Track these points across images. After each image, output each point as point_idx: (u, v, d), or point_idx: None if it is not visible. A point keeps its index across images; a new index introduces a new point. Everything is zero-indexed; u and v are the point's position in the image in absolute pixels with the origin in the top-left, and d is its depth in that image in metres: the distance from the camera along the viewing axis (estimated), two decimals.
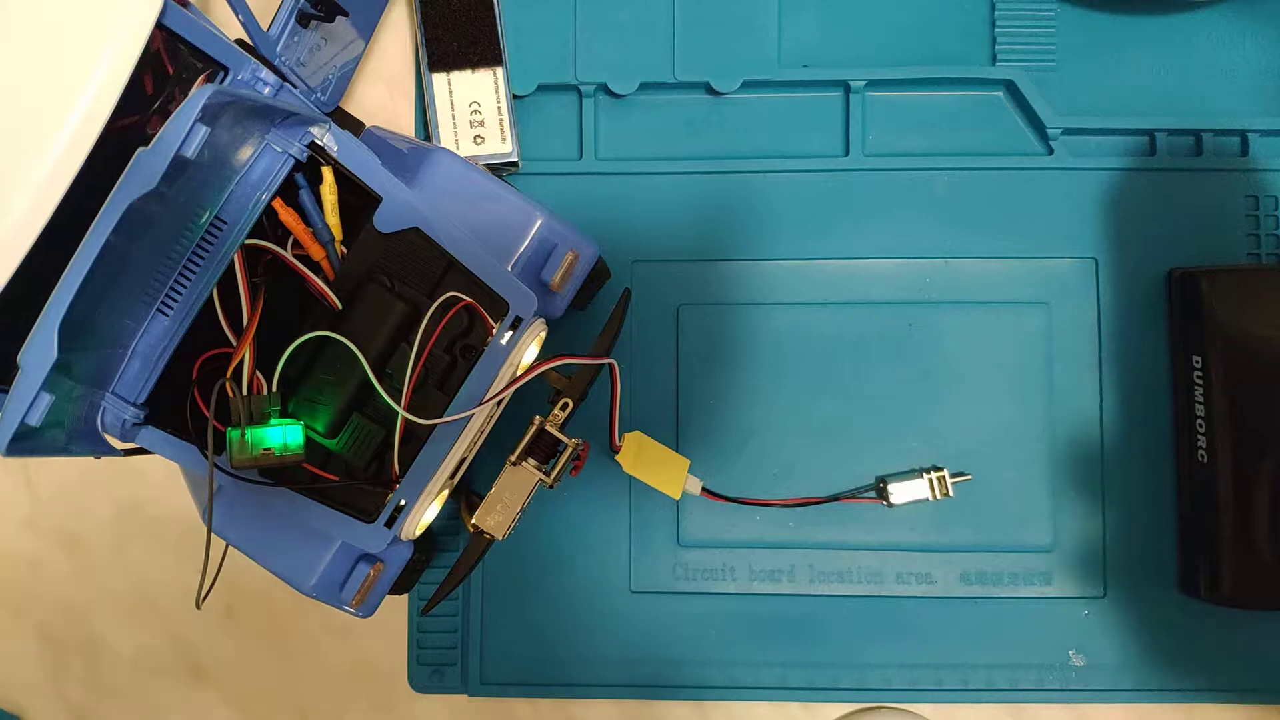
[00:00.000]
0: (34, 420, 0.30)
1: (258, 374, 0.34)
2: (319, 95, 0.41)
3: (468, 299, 0.36)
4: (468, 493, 0.42)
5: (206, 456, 0.34)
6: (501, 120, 0.44)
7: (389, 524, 0.36)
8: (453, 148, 0.44)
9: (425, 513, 0.36)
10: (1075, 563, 0.44)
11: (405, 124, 0.47)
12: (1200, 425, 0.42)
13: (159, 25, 0.31)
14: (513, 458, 0.37)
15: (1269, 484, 0.41)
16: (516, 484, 0.37)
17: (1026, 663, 0.44)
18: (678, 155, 0.46)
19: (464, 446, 0.36)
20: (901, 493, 0.44)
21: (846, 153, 0.46)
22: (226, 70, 0.35)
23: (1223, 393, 0.42)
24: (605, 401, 0.40)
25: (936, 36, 0.46)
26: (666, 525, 0.45)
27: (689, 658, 0.45)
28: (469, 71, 0.44)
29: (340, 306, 0.36)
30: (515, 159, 0.44)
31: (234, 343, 0.35)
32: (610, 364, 0.38)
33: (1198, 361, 0.42)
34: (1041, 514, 0.45)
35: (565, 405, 0.37)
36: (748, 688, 0.45)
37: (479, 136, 0.44)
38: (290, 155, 0.35)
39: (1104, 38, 0.46)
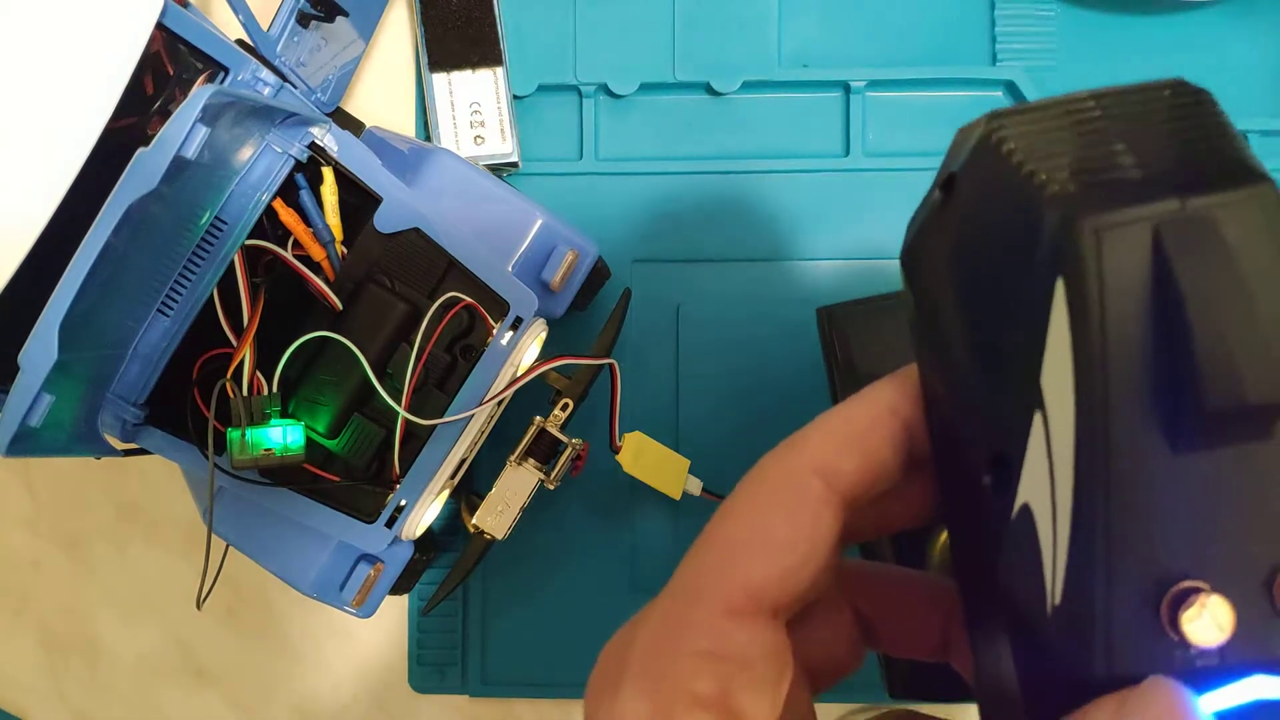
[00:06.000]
0: (34, 421, 0.30)
1: (258, 374, 0.34)
2: (319, 95, 0.41)
3: (468, 299, 0.36)
4: (468, 493, 0.42)
5: (207, 457, 0.34)
6: (501, 120, 0.44)
7: (389, 524, 0.36)
8: (453, 148, 0.44)
9: (425, 513, 0.36)
10: None
11: (405, 124, 0.47)
12: None
13: (159, 26, 0.31)
14: (513, 458, 0.37)
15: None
16: (517, 484, 0.37)
17: None
18: (678, 155, 0.46)
19: (464, 447, 0.36)
20: None
21: (847, 153, 0.46)
22: (226, 70, 0.35)
23: None
24: (605, 401, 0.40)
25: (936, 36, 0.46)
26: (666, 525, 0.45)
27: None
28: (469, 71, 0.44)
29: (340, 307, 0.36)
30: (515, 159, 0.44)
31: (234, 343, 0.35)
32: (610, 364, 0.38)
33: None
34: None
35: (565, 405, 0.37)
36: None
37: (479, 136, 0.44)
38: (290, 155, 0.35)
39: (1104, 38, 0.46)
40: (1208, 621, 0.16)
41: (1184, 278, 0.15)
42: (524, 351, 0.36)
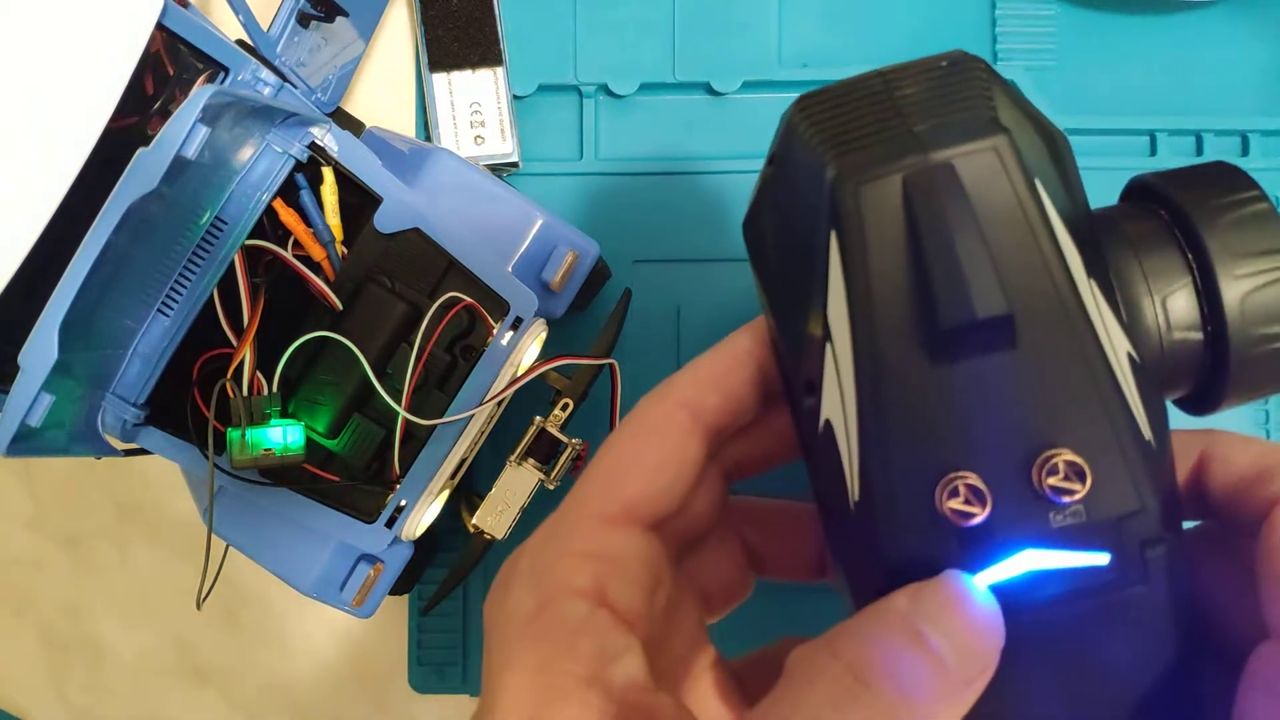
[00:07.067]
0: (34, 421, 0.30)
1: (258, 374, 0.34)
2: (319, 95, 0.41)
3: (468, 299, 0.36)
4: (468, 493, 0.42)
5: (207, 457, 0.34)
6: (501, 120, 0.44)
7: (389, 524, 0.36)
8: (453, 148, 0.44)
9: (425, 513, 0.36)
10: None
11: (405, 124, 0.47)
12: None
13: (159, 26, 0.31)
14: (513, 458, 0.37)
15: None
16: (517, 484, 0.37)
17: None
18: (678, 155, 0.46)
19: (464, 447, 0.36)
20: None
21: None
22: (226, 70, 0.35)
23: None
24: (605, 401, 0.40)
25: (936, 36, 0.46)
26: None
27: None
28: (469, 71, 0.44)
29: (340, 307, 0.36)
30: (515, 159, 0.44)
31: (234, 343, 0.35)
32: (610, 364, 0.38)
33: None
34: None
35: (565, 405, 0.37)
36: None
37: (479, 136, 0.44)
38: (291, 155, 0.35)
39: (1104, 38, 0.46)
40: (966, 503, 0.18)
41: (923, 218, 0.18)
42: (524, 351, 0.36)
